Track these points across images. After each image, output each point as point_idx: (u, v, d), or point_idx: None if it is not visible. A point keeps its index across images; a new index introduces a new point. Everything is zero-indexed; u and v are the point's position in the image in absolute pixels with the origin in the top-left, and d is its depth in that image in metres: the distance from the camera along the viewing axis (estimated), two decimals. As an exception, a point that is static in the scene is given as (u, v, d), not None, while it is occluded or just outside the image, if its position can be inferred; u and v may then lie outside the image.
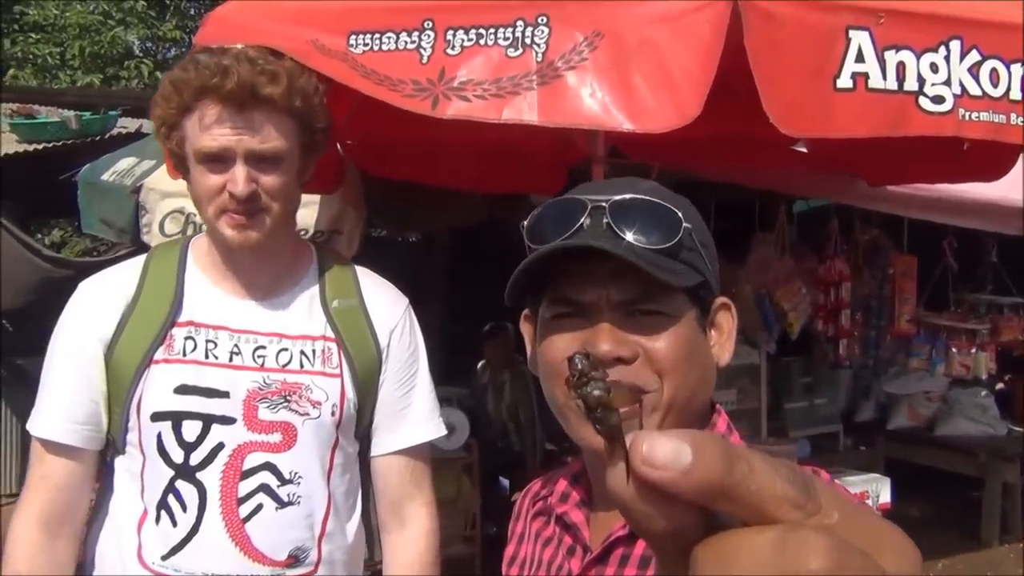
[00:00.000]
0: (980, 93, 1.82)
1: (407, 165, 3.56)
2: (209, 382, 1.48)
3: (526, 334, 1.03)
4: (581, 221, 0.91)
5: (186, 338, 1.50)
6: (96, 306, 1.51)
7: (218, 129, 1.41)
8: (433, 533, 1.66)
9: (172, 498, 1.47)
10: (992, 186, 2.99)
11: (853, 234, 5.33)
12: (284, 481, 1.49)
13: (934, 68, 1.79)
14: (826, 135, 1.84)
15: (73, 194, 4.23)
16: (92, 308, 1.51)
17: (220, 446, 1.47)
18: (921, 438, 6.02)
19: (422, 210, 4.91)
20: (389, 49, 1.74)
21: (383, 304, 1.62)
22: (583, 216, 0.91)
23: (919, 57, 1.78)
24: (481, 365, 5.89)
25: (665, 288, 0.90)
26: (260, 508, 1.47)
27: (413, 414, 1.62)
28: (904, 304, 5.40)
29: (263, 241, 1.47)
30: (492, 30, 1.71)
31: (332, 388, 1.53)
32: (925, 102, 1.79)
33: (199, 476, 1.47)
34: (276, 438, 1.49)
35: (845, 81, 1.72)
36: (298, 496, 1.50)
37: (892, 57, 1.76)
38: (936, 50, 1.80)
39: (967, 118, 1.82)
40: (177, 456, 1.47)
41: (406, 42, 1.73)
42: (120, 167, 4.12)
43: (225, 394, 1.48)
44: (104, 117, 4.87)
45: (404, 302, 1.66)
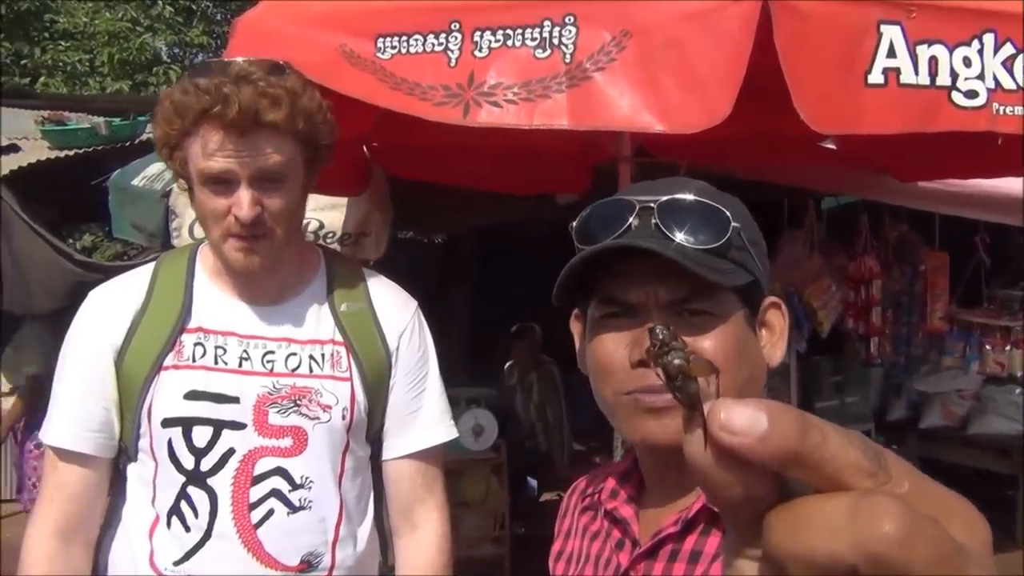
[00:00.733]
0: (1015, 87, 1.79)
1: (433, 167, 3.57)
2: (219, 387, 1.49)
3: (576, 333, 1.03)
4: (629, 221, 0.91)
5: (195, 344, 1.50)
6: (106, 313, 1.51)
7: (221, 153, 1.40)
8: (445, 537, 1.65)
9: (184, 503, 1.47)
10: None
11: (883, 230, 5.26)
12: (295, 486, 1.49)
13: (967, 62, 1.77)
14: (857, 131, 1.82)
15: (104, 199, 4.28)
16: (102, 315, 1.52)
17: (231, 451, 1.47)
18: (954, 437, 5.94)
19: (448, 211, 4.93)
20: (417, 52, 1.74)
21: (392, 307, 1.62)
22: (631, 216, 0.91)
23: (952, 51, 1.76)
24: (509, 366, 5.90)
25: (713, 287, 0.90)
26: (272, 513, 1.47)
27: (423, 418, 1.62)
28: (936, 301, 5.33)
29: (267, 264, 1.48)
30: (519, 31, 1.71)
31: (342, 392, 1.53)
32: (958, 97, 1.76)
33: (210, 482, 1.47)
34: (287, 443, 1.49)
35: (876, 77, 1.70)
36: (310, 501, 1.50)
37: (924, 51, 1.74)
38: (969, 44, 1.77)
39: (1001, 112, 1.80)
40: (188, 462, 1.47)
41: (433, 44, 1.74)
42: (150, 172, 4.17)
43: (235, 399, 1.48)
44: (133, 123, 4.92)
45: (413, 305, 1.66)
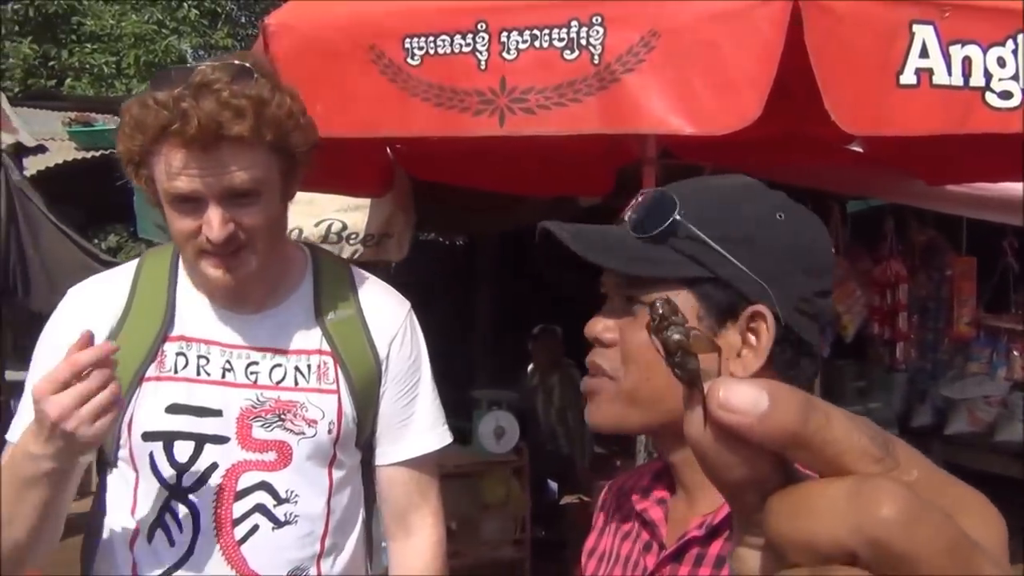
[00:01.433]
0: (1050, 88, 1.77)
1: (456, 170, 3.57)
2: (201, 400, 1.43)
3: None
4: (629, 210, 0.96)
5: (177, 354, 1.44)
6: (86, 315, 1.42)
7: (187, 175, 1.31)
8: (440, 544, 1.60)
9: (169, 517, 1.42)
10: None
11: (909, 234, 5.22)
12: (280, 500, 1.44)
13: (1001, 63, 1.74)
14: (889, 133, 1.80)
15: (129, 200, 4.31)
16: (82, 317, 1.42)
17: (213, 466, 1.42)
18: (980, 443, 5.87)
19: (471, 213, 4.93)
20: (445, 53, 1.74)
21: (382, 313, 1.55)
22: (634, 203, 0.95)
23: (986, 51, 1.73)
24: (531, 368, 5.88)
25: (649, 277, 0.91)
26: (256, 529, 1.43)
27: (416, 425, 1.56)
28: (963, 306, 5.27)
29: (247, 279, 1.40)
30: (547, 31, 1.70)
31: (328, 405, 1.47)
32: (992, 98, 1.74)
33: (192, 497, 1.42)
34: (271, 457, 1.44)
35: (909, 77, 1.68)
36: (295, 515, 1.45)
37: (958, 52, 1.71)
38: (1003, 44, 1.75)
39: (1036, 114, 1.77)
40: (170, 476, 1.42)
41: (460, 45, 1.73)
42: (175, 173, 4.19)
43: (218, 412, 1.43)
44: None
45: (405, 308, 1.59)
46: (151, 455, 1.41)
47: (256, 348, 1.46)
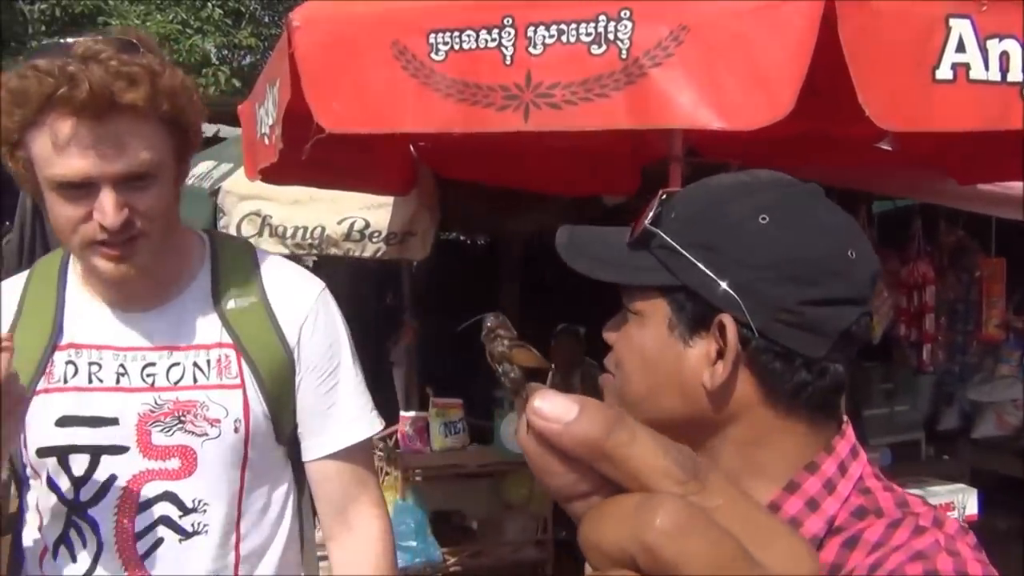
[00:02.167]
0: (1090, 84, 1.72)
1: (480, 168, 3.56)
2: (95, 410, 1.32)
3: None
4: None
5: (67, 363, 1.33)
6: None
7: (77, 152, 1.18)
8: (386, 535, 1.47)
9: (73, 533, 1.34)
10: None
11: (937, 235, 5.15)
12: (186, 510, 1.34)
13: (1040, 58, 1.70)
14: (924, 129, 1.76)
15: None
16: None
17: (112, 479, 1.32)
18: (1008, 447, 5.78)
19: (494, 212, 4.91)
20: (470, 48, 1.72)
21: (289, 296, 1.41)
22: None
23: (1024, 46, 1.69)
24: (551, 368, 5.85)
25: (634, 286, 0.92)
26: (160, 542, 1.33)
27: (340, 414, 1.43)
28: (992, 308, 5.19)
29: (144, 270, 1.30)
30: (573, 26, 1.68)
31: (232, 402, 1.35)
32: (1030, 94, 1.70)
33: (92, 512, 1.32)
34: (174, 464, 1.33)
35: (945, 72, 1.64)
36: (204, 525, 1.34)
37: (995, 46, 1.67)
38: (1043, 39, 1.70)
39: (1076, 111, 1.72)
40: (68, 491, 1.33)
41: (486, 40, 1.71)
42: (198, 170, 4.21)
43: (114, 421, 1.32)
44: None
45: (316, 288, 1.44)
46: (47, 471, 1.33)
47: (152, 348, 1.35)
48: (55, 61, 1.17)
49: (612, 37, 1.64)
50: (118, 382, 1.33)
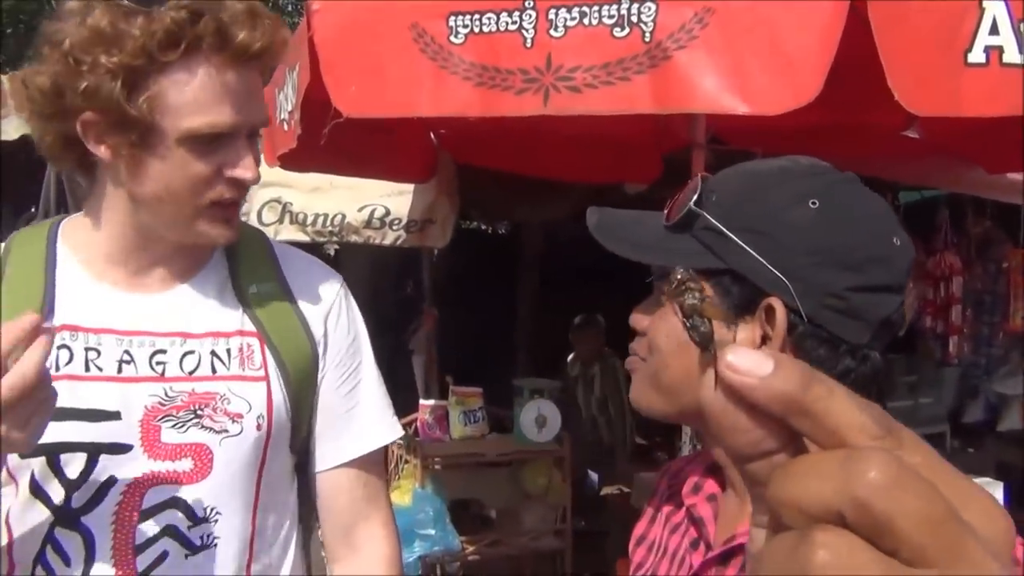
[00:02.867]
0: None
1: (500, 155, 3.54)
2: (92, 401, 1.14)
3: None
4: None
5: (59, 348, 1.14)
6: None
7: (229, 100, 1.09)
8: (395, 560, 1.34)
9: (51, 551, 1.15)
10: None
11: (964, 226, 5.08)
12: (196, 520, 1.17)
13: (1077, 41, 1.65)
14: (955, 114, 1.71)
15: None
16: None
17: (111, 481, 1.14)
18: (1035, 441, 5.72)
19: (514, 200, 4.89)
20: (491, 31, 1.69)
21: (311, 284, 1.30)
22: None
23: (1060, 29, 1.64)
24: (571, 358, 5.84)
25: (671, 268, 0.91)
26: (165, 557, 1.16)
27: (363, 415, 1.31)
28: (1020, 299, 5.12)
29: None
30: (596, 8, 1.65)
31: (256, 395, 1.21)
32: (1066, 78, 1.65)
33: (84, 521, 1.14)
34: (186, 465, 1.17)
35: (977, 56, 1.59)
36: (214, 537, 1.18)
37: (1030, 30, 1.63)
38: (1079, 21, 1.66)
39: (1112, 96, 1.68)
40: (57, 496, 1.14)
41: (507, 23, 1.69)
42: (220, 158, 4.21)
43: (115, 415, 1.15)
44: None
45: (338, 280, 1.34)
46: (32, 474, 1.13)
47: (162, 333, 1.19)
48: (190, 4, 1.07)
49: (635, 19, 1.61)
50: (120, 371, 1.17)
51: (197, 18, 1.06)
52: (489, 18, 1.70)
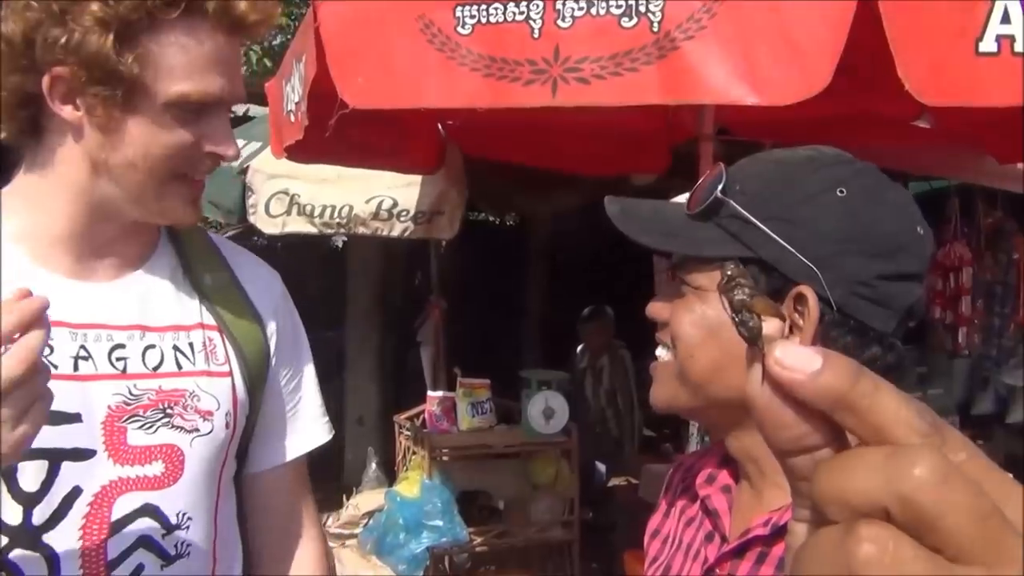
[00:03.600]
0: None
1: (508, 147, 3.53)
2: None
3: None
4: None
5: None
6: None
7: (218, 68, 1.03)
8: (324, 561, 1.30)
9: None
10: None
11: (975, 216, 5.05)
12: (170, 528, 1.09)
13: (1089, 30, 1.63)
14: (966, 104, 1.70)
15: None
16: None
17: (76, 492, 1.03)
18: (1045, 433, 5.69)
19: (522, 192, 4.88)
20: (498, 21, 1.68)
21: (257, 279, 1.24)
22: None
23: (1074, 17, 1.62)
24: (579, 349, 5.84)
25: (695, 257, 0.90)
26: (140, 570, 1.07)
27: (305, 413, 1.27)
28: (1031, 291, 5.10)
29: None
30: (604, -2, 1.64)
31: (222, 391, 1.14)
32: (1078, 68, 1.63)
33: (47, 539, 1.02)
34: (156, 469, 1.08)
35: (989, 44, 1.58)
36: (187, 545, 1.10)
37: (1043, 18, 1.61)
38: (1092, 9, 1.64)
39: (1126, 85, 1.66)
40: (12, 515, 1.00)
41: (514, 13, 1.68)
42: (228, 149, 4.21)
43: (75, 416, 1.03)
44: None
45: (278, 275, 1.29)
46: None
47: (119, 327, 1.09)
48: None
49: (643, 9, 1.60)
50: (76, 368, 1.05)
51: None
52: (496, 8, 1.69)
